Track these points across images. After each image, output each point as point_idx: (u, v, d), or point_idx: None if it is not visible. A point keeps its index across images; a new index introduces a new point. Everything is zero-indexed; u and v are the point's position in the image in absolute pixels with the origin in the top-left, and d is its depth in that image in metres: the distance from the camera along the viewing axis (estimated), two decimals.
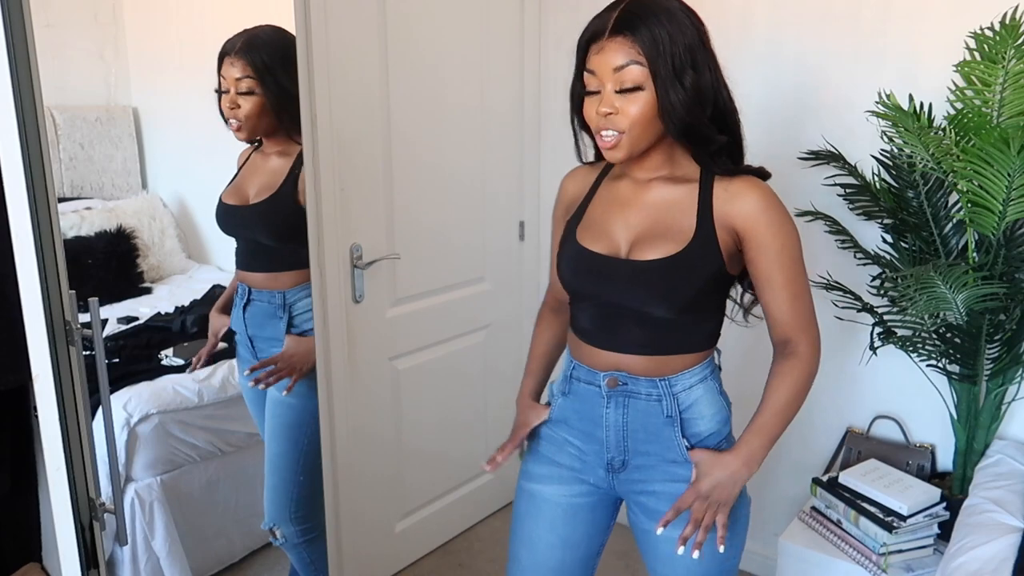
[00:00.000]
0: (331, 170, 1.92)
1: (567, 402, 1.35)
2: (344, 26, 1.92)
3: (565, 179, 1.41)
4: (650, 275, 1.21)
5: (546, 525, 1.37)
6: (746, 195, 1.21)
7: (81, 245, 2.78)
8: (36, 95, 1.28)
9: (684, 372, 1.27)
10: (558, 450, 1.37)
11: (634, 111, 1.15)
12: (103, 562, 1.50)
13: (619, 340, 1.27)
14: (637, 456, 1.30)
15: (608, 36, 1.14)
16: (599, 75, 1.16)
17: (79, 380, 1.39)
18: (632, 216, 1.26)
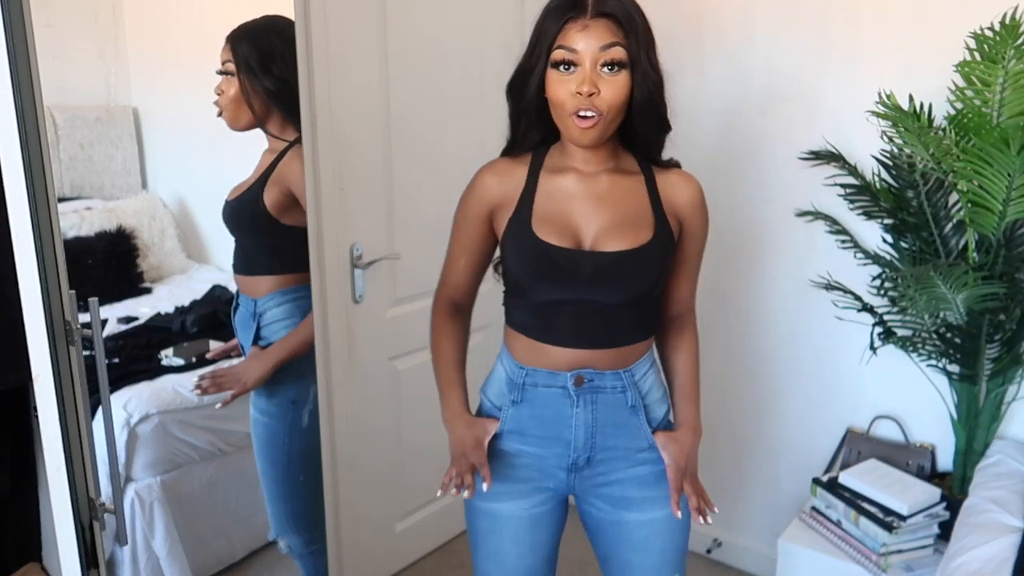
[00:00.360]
0: (331, 170, 1.92)
1: (520, 411, 1.31)
2: (344, 25, 1.92)
3: (485, 174, 1.32)
4: (619, 266, 1.23)
5: (511, 538, 1.37)
6: (688, 186, 1.30)
7: (81, 245, 2.78)
8: (36, 95, 1.28)
9: (639, 361, 1.31)
10: (510, 465, 1.34)
11: (615, 92, 1.17)
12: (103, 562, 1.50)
13: (581, 336, 1.26)
14: (603, 451, 1.31)
15: (592, 16, 1.16)
16: (581, 52, 1.16)
17: (79, 380, 1.39)
18: (590, 208, 1.26)
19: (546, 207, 1.26)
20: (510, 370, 1.32)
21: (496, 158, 1.34)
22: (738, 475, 2.44)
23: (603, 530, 1.37)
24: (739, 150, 2.26)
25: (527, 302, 1.29)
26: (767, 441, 2.37)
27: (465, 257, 1.35)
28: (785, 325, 2.27)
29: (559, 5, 1.19)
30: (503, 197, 1.29)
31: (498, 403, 1.35)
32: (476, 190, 1.32)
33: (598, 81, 1.16)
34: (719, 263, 2.35)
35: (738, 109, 2.24)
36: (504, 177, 1.30)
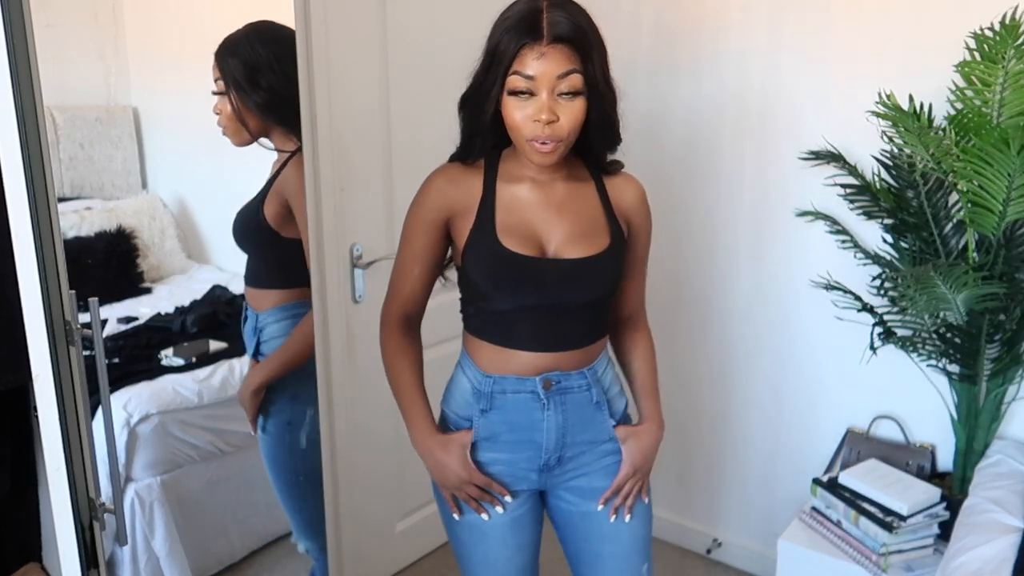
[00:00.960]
0: (331, 170, 1.92)
1: (491, 419, 1.31)
2: (344, 26, 1.92)
3: (438, 180, 1.30)
4: (582, 272, 1.27)
5: (498, 544, 1.38)
6: (632, 188, 1.35)
7: (81, 245, 2.78)
8: (36, 95, 1.27)
9: (600, 358, 1.36)
10: (485, 474, 1.34)
11: (572, 117, 1.18)
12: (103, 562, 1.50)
13: (548, 340, 1.28)
14: (572, 448, 1.34)
15: (548, 42, 1.14)
16: (538, 79, 1.15)
17: (79, 380, 1.39)
18: (549, 216, 1.28)
19: (508, 216, 1.27)
20: (475, 380, 1.32)
21: (447, 164, 1.33)
22: (738, 475, 2.44)
23: (573, 524, 1.40)
24: (739, 150, 2.26)
25: (490, 309, 1.29)
26: (767, 441, 2.37)
27: (419, 266, 1.32)
28: (785, 325, 2.27)
29: (515, 28, 1.16)
30: (459, 204, 1.28)
31: (465, 414, 1.34)
32: (430, 197, 1.30)
33: (556, 108, 1.16)
34: (719, 263, 2.36)
35: (738, 109, 2.24)
36: (459, 184, 1.29)
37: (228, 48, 1.72)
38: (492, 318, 1.30)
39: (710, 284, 2.39)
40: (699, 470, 2.52)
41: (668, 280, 2.42)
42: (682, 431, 2.52)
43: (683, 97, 2.32)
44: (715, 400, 2.45)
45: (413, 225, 1.31)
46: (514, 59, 1.16)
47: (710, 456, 2.49)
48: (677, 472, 2.56)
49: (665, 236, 2.39)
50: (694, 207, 2.36)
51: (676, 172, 2.38)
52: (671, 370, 2.50)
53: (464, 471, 1.31)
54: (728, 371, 2.41)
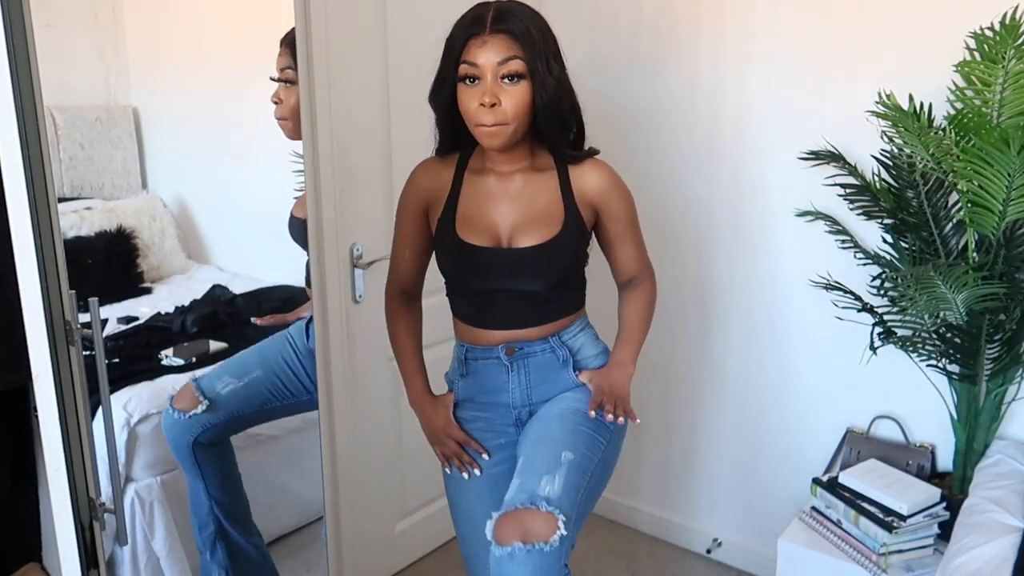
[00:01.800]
0: (331, 170, 1.92)
1: (468, 382, 1.50)
2: (344, 26, 1.92)
3: (417, 173, 1.48)
4: (531, 259, 1.37)
5: (475, 499, 1.50)
6: (595, 173, 1.41)
7: (81, 245, 2.77)
8: (36, 95, 1.28)
9: (568, 328, 1.47)
10: (468, 430, 1.51)
11: (514, 101, 1.29)
12: (103, 562, 1.50)
13: (507, 320, 1.43)
14: (540, 403, 1.48)
15: (490, 32, 1.27)
16: (481, 67, 1.28)
17: (79, 380, 1.39)
18: (505, 207, 1.39)
19: (467, 207, 1.41)
20: (456, 349, 1.52)
21: (428, 158, 1.49)
22: (738, 475, 2.44)
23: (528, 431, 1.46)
24: (739, 150, 2.26)
25: (461, 294, 1.47)
26: (767, 441, 2.37)
27: (408, 249, 1.50)
28: (785, 325, 2.27)
29: (463, 22, 1.31)
30: (433, 195, 1.45)
31: (453, 379, 1.55)
32: (410, 188, 1.48)
33: (499, 92, 1.28)
34: (719, 263, 2.36)
35: (737, 109, 2.24)
36: (433, 176, 1.46)
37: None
38: (462, 300, 1.48)
39: (710, 284, 2.38)
40: (699, 470, 2.52)
41: (668, 280, 2.42)
42: (682, 431, 2.52)
43: (683, 97, 2.32)
44: (715, 400, 2.45)
45: (400, 213, 1.50)
46: (462, 50, 1.30)
47: (710, 456, 2.49)
48: (676, 472, 2.56)
49: (665, 236, 2.39)
50: (694, 207, 2.36)
51: (676, 172, 2.38)
52: (671, 370, 2.50)
53: (446, 427, 1.50)
54: (728, 371, 2.41)
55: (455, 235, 1.39)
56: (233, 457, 2.03)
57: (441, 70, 1.35)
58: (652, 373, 2.52)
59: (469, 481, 1.49)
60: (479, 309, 1.44)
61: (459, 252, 1.39)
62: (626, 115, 2.41)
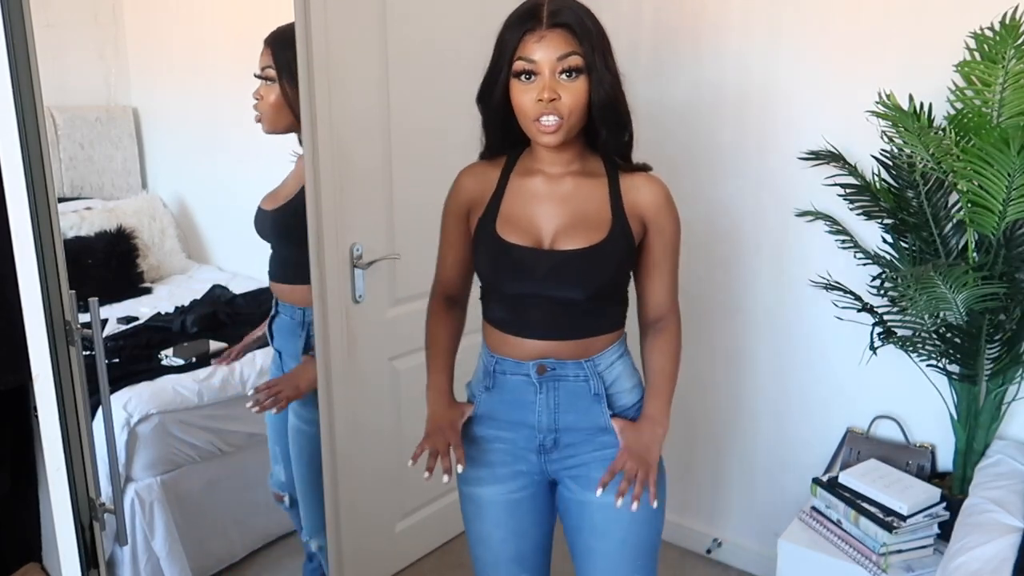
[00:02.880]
0: (331, 170, 1.92)
1: (492, 397, 1.41)
2: (344, 26, 1.92)
3: (463, 176, 1.43)
4: (573, 263, 1.30)
5: (492, 522, 1.44)
6: (650, 187, 1.35)
7: (81, 245, 2.78)
8: (36, 95, 1.28)
9: (605, 351, 1.37)
10: (487, 450, 1.42)
11: (573, 97, 1.24)
12: (103, 562, 1.50)
13: (542, 328, 1.34)
14: (567, 434, 1.37)
15: (547, 26, 1.23)
16: (539, 62, 1.23)
17: (79, 380, 1.39)
18: (552, 208, 1.33)
19: (511, 207, 1.35)
20: (484, 359, 1.42)
21: (475, 161, 1.44)
22: (738, 475, 2.44)
23: (569, 511, 1.42)
24: (739, 150, 2.26)
25: (496, 297, 1.38)
26: (767, 441, 2.37)
27: (452, 253, 1.46)
28: (785, 325, 2.27)
29: (517, 18, 1.26)
30: (478, 197, 1.39)
31: (475, 390, 1.46)
32: (455, 191, 1.43)
33: (557, 87, 1.23)
34: (719, 262, 2.36)
35: (737, 109, 2.24)
36: (479, 178, 1.40)
37: (286, 39, 1.77)
38: (495, 304, 1.38)
39: (710, 284, 2.38)
40: (699, 470, 2.52)
41: None
42: (682, 431, 2.52)
43: (683, 97, 2.32)
44: (715, 400, 2.45)
45: (444, 217, 1.45)
46: (517, 45, 1.25)
47: (710, 456, 2.49)
48: (678, 472, 2.56)
49: None
50: (693, 207, 2.36)
51: (675, 172, 2.37)
52: None
53: (449, 432, 1.37)
54: (728, 371, 2.41)
55: (494, 233, 1.33)
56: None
57: (492, 68, 1.29)
58: None
59: (487, 502, 1.43)
60: (513, 314, 1.36)
61: (497, 250, 1.33)
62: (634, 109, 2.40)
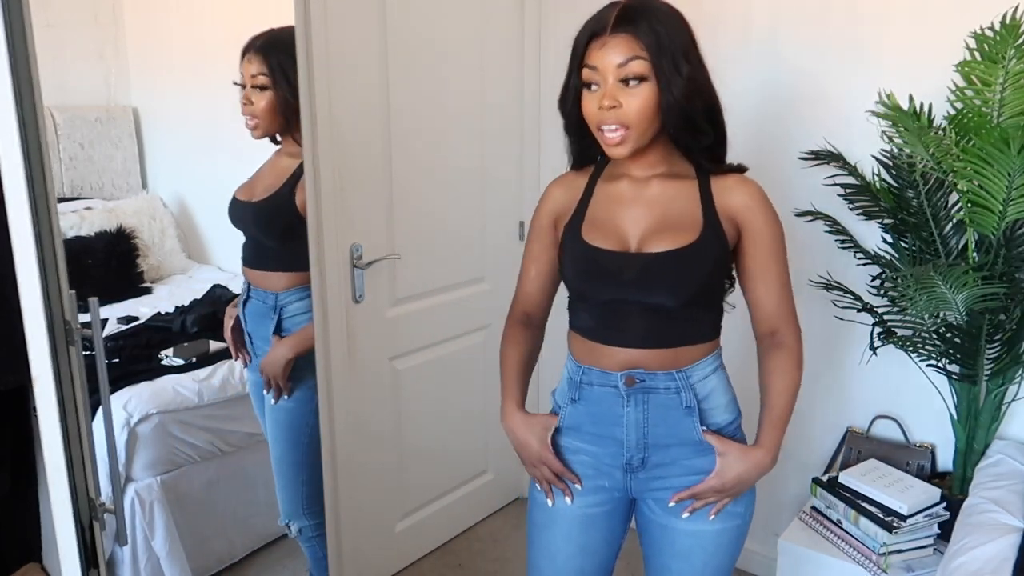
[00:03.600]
0: (331, 170, 1.92)
1: (578, 409, 1.34)
2: (344, 26, 1.92)
3: (552, 186, 1.39)
4: (663, 266, 1.24)
5: (563, 535, 1.38)
6: (743, 188, 1.29)
7: (81, 245, 2.78)
8: (36, 95, 1.27)
9: (698, 363, 1.30)
10: (570, 462, 1.36)
11: (637, 104, 1.18)
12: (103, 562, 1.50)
13: (631, 335, 1.28)
14: (657, 452, 1.31)
15: (611, 32, 1.18)
16: (601, 70, 1.19)
17: (79, 380, 1.39)
18: (638, 211, 1.28)
19: (596, 212, 1.31)
20: (571, 369, 1.36)
21: (565, 172, 1.41)
22: None
23: (650, 531, 1.38)
24: (738, 150, 2.24)
25: (583, 305, 1.33)
26: None
27: (535, 267, 1.41)
28: None
29: (588, 23, 1.22)
30: (565, 207, 1.35)
31: (561, 402, 1.38)
32: (543, 202, 1.39)
33: (619, 95, 1.19)
34: None
35: (737, 109, 2.22)
36: (568, 188, 1.36)
37: (279, 44, 1.80)
38: (582, 312, 1.33)
39: None
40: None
41: None
42: None
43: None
44: None
45: (531, 230, 1.41)
46: (584, 53, 1.21)
47: None
48: None
49: None
50: None
51: None
52: None
53: (542, 450, 1.34)
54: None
55: (580, 238, 1.29)
56: None
57: (567, 75, 1.26)
58: None
59: (559, 514, 1.37)
60: (600, 322, 1.29)
61: (583, 255, 1.28)
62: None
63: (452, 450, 2.53)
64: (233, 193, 1.95)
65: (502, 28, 2.42)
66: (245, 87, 1.83)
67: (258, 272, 1.91)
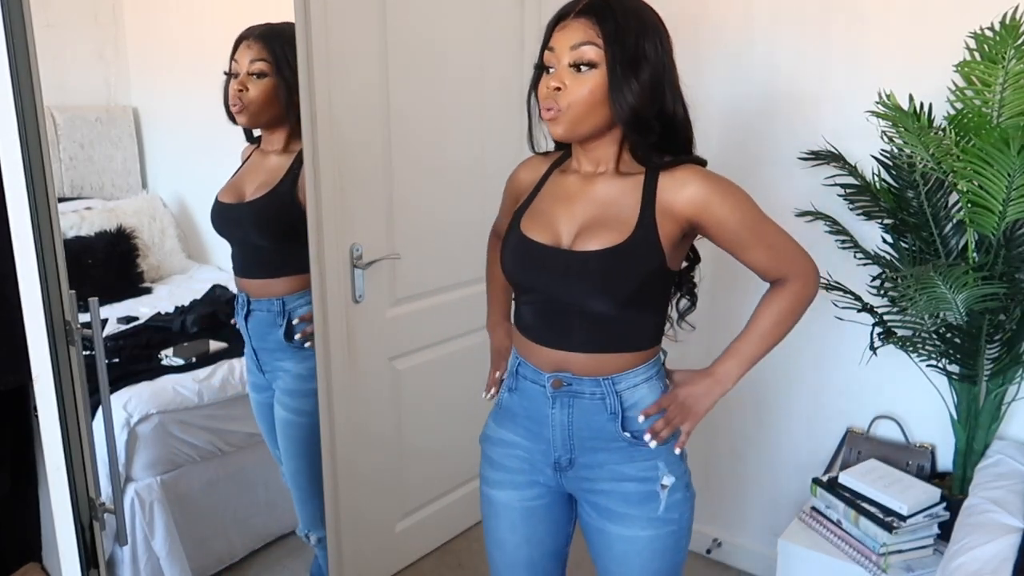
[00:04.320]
0: (331, 170, 1.92)
1: (513, 397, 1.38)
2: (344, 26, 1.92)
3: (521, 166, 1.43)
4: (590, 265, 1.21)
5: (507, 527, 1.42)
6: (693, 181, 1.22)
7: (81, 245, 2.78)
8: (36, 95, 1.28)
9: (628, 372, 1.28)
10: (506, 455, 1.39)
11: (581, 90, 1.17)
12: (103, 562, 1.50)
13: (562, 337, 1.28)
14: (584, 454, 1.32)
15: (573, 16, 1.18)
16: (557, 51, 1.19)
17: (79, 380, 1.39)
18: (577, 208, 1.27)
19: (541, 204, 1.32)
20: (512, 358, 1.39)
21: (534, 154, 1.42)
22: (738, 475, 2.44)
23: (589, 534, 1.40)
24: (739, 150, 2.26)
25: (523, 299, 1.34)
26: (767, 441, 2.37)
27: (504, 214, 1.48)
28: None
29: (560, 7, 1.22)
30: (524, 189, 1.39)
31: (503, 391, 1.43)
32: (510, 179, 1.46)
33: (567, 77, 1.18)
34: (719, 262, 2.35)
35: (737, 109, 2.24)
36: (531, 172, 1.41)
37: (281, 34, 1.77)
38: (521, 305, 1.35)
39: (710, 284, 2.38)
40: (699, 470, 2.52)
41: None
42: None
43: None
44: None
45: (503, 193, 1.49)
46: (551, 36, 1.22)
47: (710, 456, 2.49)
48: None
49: None
50: None
51: None
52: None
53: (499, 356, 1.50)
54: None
55: (518, 227, 1.30)
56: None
57: (538, 59, 1.25)
58: None
59: (503, 506, 1.41)
60: (536, 320, 1.30)
61: (516, 245, 1.29)
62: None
63: (452, 450, 2.53)
64: (216, 197, 1.88)
65: (502, 28, 2.42)
66: (238, 76, 1.78)
67: (258, 281, 1.84)
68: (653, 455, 1.29)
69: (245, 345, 1.93)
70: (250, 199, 1.83)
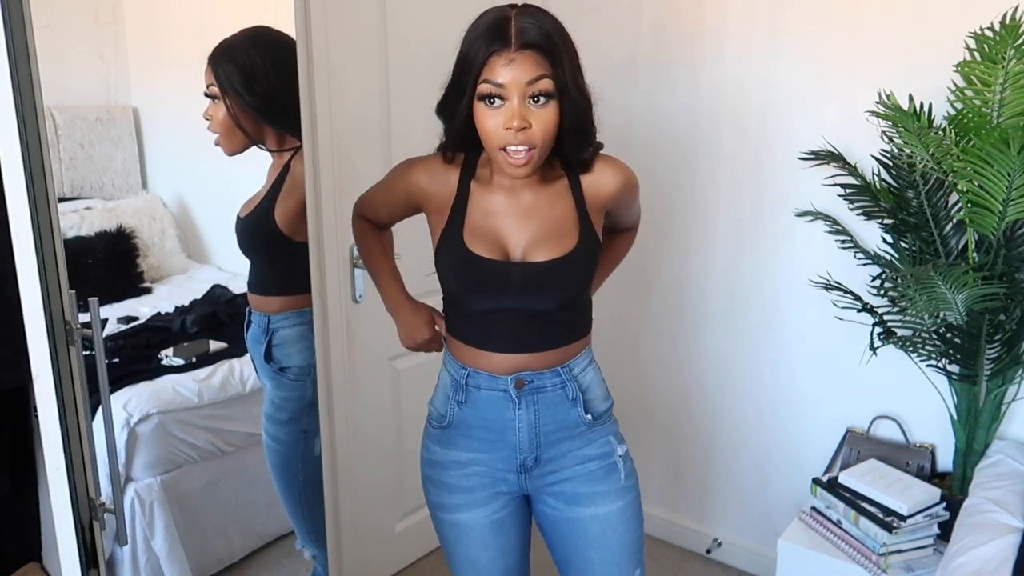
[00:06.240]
0: (331, 170, 1.92)
1: (465, 412, 1.34)
2: (344, 26, 1.92)
3: (419, 172, 1.33)
4: (546, 274, 1.26)
5: (479, 545, 1.40)
6: (609, 172, 1.31)
7: (81, 245, 2.78)
8: (36, 95, 1.27)
9: (577, 357, 1.34)
10: (463, 476, 1.37)
11: (543, 123, 1.17)
12: (103, 562, 1.50)
13: (516, 341, 1.29)
14: (549, 448, 1.34)
15: (517, 49, 1.15)
16: (507, 86, 1.15)
17: (79, 380, 1.39)
18: (517, 223, 1.28)
19: (476, 220, 1.29)
20: (454, 371, 1.35)
21: (431, 155, 1.34)
22: (738, 475, 2.44)
23: (559, 529, 1.39)
24: (739, 150, 2.26)
25: (465, 312, 1.33)
26: (767, 441, 2.37)
27: (385, 209, 1.45)
28: (785, 325, 2.27)
29: (483, 36, 1.17)
30: (433, 199, 1.32)
31: (443, 410, 1.38)
32: (407, 178, 1.35)
33: (527, 114, 1.16)
34: (719, 263, 2.36)
35: (738, 109, 2.24)
36: (436, 179, 1.32)
37: (223, 54, 1.70)
38: (466, 320, 1.33)
39: (710, 284, 2.38)
40: (699, 470, 2.52)
41: (668, 280, 2.42)
42: (682, 430, 2.52)
43: (682, 98, 2.32)
44: (714, 400, 2.45)
45: (392, 179, 1.39)
46: (483, 66, 1.17)
47: (710, 456, 2.49)
48: (676, 472, 2.56)
49: (665, 236, 2.39)
50: (694, 207, 2.36)
51: (676, 173, 2.38)
52: (671, 369, 2.50)
53: (427, 330, 1.43)
54: (728, 371, 2.41)
55: (463, 246, 1.27)
56: None
57: (456, 84, 1.21)
58: (653, 373, 2.52)
59: (470, 526, 1.39)
60: (483, 329, 1.31)
61: (467, 264, 1.26)
62: (626, 117, 2.41)
63: None
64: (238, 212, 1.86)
65: None
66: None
67: (257, 296, 1.83)
68: (605, 432, 1.36)
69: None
70: (243, 216, 1.81)
